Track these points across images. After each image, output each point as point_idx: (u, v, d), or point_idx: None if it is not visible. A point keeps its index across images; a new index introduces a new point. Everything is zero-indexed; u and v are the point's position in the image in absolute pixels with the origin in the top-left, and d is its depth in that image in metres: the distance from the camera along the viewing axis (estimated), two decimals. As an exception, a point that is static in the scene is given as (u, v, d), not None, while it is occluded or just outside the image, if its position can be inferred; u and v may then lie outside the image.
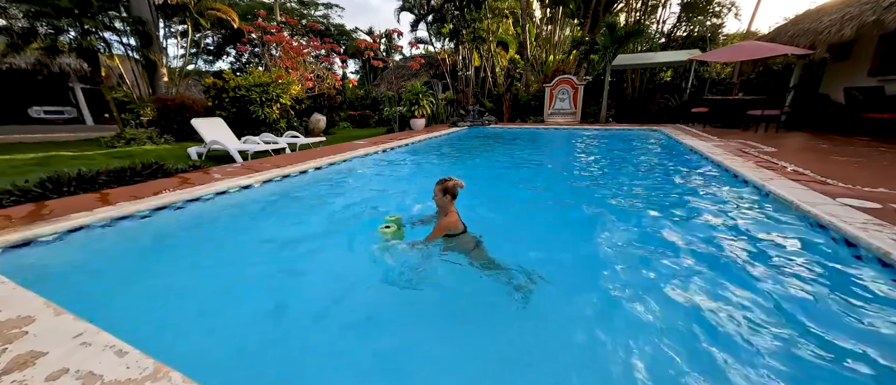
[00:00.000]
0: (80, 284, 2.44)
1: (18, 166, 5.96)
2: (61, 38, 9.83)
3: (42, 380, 1.24)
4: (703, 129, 9.78)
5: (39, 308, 1.68)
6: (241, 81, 9.07)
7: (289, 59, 12.46)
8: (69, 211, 3.25)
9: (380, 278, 2.49)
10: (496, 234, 2.88)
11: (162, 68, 12.43)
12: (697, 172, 5.41)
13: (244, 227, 3.70)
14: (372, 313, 2.23)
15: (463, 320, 2.19)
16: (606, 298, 2.31)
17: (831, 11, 8.89)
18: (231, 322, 2.12)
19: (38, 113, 15.72)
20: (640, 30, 13.02)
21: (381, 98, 16.95)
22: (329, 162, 6.11)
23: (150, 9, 11.98)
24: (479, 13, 15.26)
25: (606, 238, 3.26)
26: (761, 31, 16.77)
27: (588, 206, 4.36)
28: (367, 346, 1.93)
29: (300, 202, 4.49)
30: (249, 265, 2.84)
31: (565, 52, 16.78)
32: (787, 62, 12.02)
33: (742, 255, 2.70)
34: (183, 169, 5.22)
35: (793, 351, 1.73)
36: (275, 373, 1.73)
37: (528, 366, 1.80)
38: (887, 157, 5.40)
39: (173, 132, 10.04)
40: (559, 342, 1.97)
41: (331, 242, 3.27)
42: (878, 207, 3.05)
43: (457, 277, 2.45)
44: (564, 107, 13.94)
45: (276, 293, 2.45)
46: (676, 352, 1.77)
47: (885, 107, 7.73)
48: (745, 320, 1.96)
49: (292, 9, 26.00)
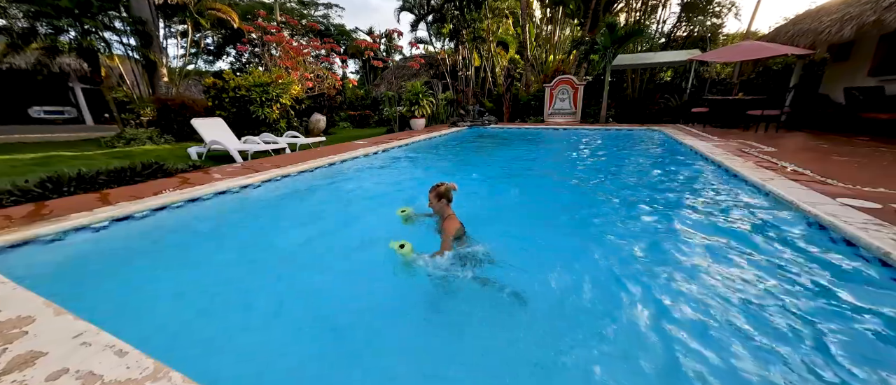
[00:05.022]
0: (80, 284, 2.44)
1: (18, 166, 5.96)
2: (61, 38, 9.84)
3: (42, 380, 1.24)
4: (703, 129, 9.78)
5: (39, 308, 1.68)
6: (241, 81, 9.07)
7: (289, 59, 12.45)
8: (69, 211, 3.25)
9: (384, 277, 2.49)
10: (497, 234, 2.88)
11: (162, 68, 12.42)
12: (697, 172, 5.41)
13: (244, 227, 3.70)
14: (373, 313, 2.23)
15: (463, 322, 2.19)
16: (606, 298, 2.31)
17: (831, 11, 8.88)
18: (231, 322, 2.12)
19: (38, 113, 15.71)
20: (640, 30, 13.01)
21: (381, 98, 16.94)
22: (329, 162, 6.11)
23: (150, 9, 11.98)
24: (479, 13, 15.25)
25: (606, 238, 3.27)
26: (761, 31, 16.76)
27: (588, 206, 4.37)
28: (368, 345, 1.93)
29: (300, 202, 4.49)
30: (249, 265, 2.84)
31: (565, 52, 16.77)
32: (787, 62, 12.02)
33: (741, 255, 2.70)
34: (183, 169, 5.22)
35: (792, 351, 1.73)
36: (275, 373, 1.73)
37: (528, 366, 1.80)
38: (887, 157, 5.40)
39: (173, 132, 10.04)
40: (559, 342, 1.97)
41: (331, 242, 3.28)
42: (878, 207, 3.05)
43: (461, 281, 2.46)
44: (564, 107, 13.93)
45: (277, 293, 2.45)
46: (676, 351, 1.77)
47: (885, 107, 7.73)
48: (744, 320, 1.96)
49: (292, 9, 25.99)
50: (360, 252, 3.10)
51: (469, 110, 14.10)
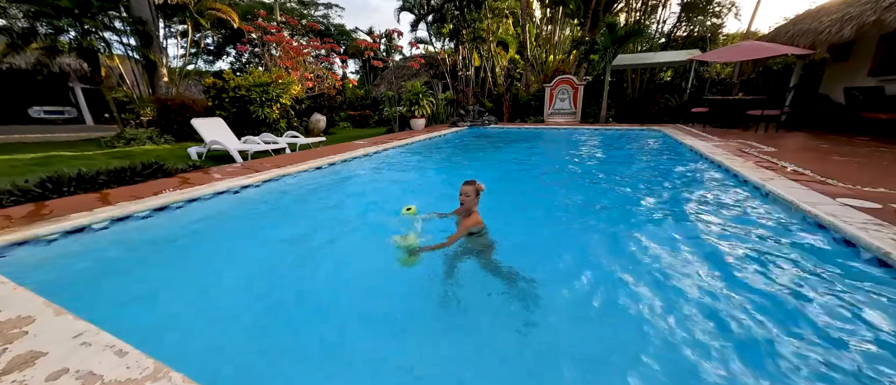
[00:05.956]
0: (80, 284, 2.44)
1: (18, 166, 5.96)
2: (61, 38, 9.84)
3: (42, 380, 1.24)
4: (703, 129, 9.78)
5: (39, 308, 1.68)
6: (241, 81, 9.07)
7: (289, 59, 12.45)
8: (69, 211, 3.25)
9: (385, 276, 2.49)
10: (497, 234, 2.88)
11: (162, 68, 12.42)
12: (697, 172, 5.41)
13: (244, 227, 3.70)
14: (374, 313, 2.23)
15: (469, 318, 2.19)
16: (606, 297, 2.31)
17: (831, 11, 8.88)
18: (231, 322, 2.12)
19: (39, 113, 15.71)
20: (640, 30, 13.01)
21: (381, 98, 16.94)
22: (329, 162, 6.11)
23: (150, 9, 11.98)
24: (479, 13, 15.26)
25: (606, 238, 3.27)
26: (761, 31, 16.76)
27: (588, 205, 4.37)
28: (369, 346, 1.93)
29: (300, 202, 4.49)
30: (250, 265, 2.84)
31: (565, 52, 16.77)
32: (787, 62, 12.02)
33: (741, 255, 2.70)
34: (183, 169, 5.22)
35: (791, 350, 1.73)
36: (275, 372, 1.73)
37: (527, 367, 1.80)
38: (887, 157, 5.40)
39: (173, 132, 10.04)
40: (559, 342, 1.97)
41: (331, 242, 3.27)
42: (878, 207, 3.05)
43: (470, 276, 2.46)
44: (564, 107, 13.93)
45: (277, 293, 2.45)
46: (676, 351, 1.77)
47: (885, 107, 7.73)
48: (743, 320, 1.96)
49: (292, 9, 26.00)
50: (359, 252, 3.11)
51: (469, 110, 14.11)
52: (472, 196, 2.57)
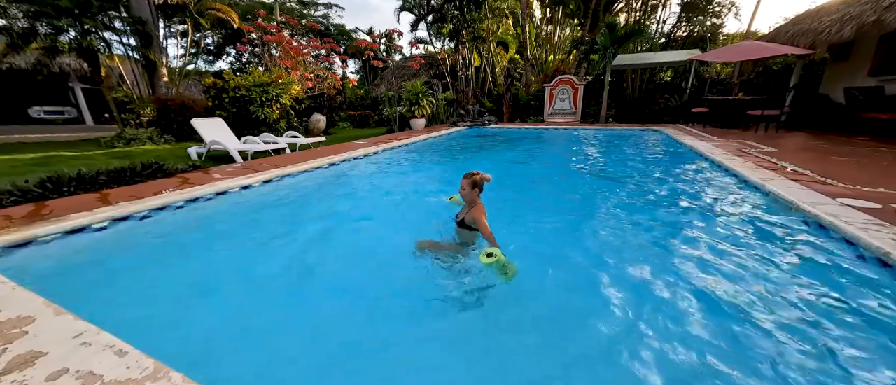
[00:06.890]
0: (80, 284, 2.44)
1: (18, 166, 5.96)
2: (61, 38, 9.84)
3: (42, 380, 1.24)
4: (703, 129, 9.78)
5: (39, 308, 1.68)
6: (241, 81, 9.07)
7: (289, 59, 12.46)
8: (69, 211, 3.25)
9: (385, 276, 2.48)
10: (497, 234, 2.88)
11: (162, 68, 12.42)
12: (697, 172, 5.40)
13: (244, 227, 3.70)
14: (374, 313, 2.23)
15: (465, 315, 2.19)
16: (605, 297, 2.31)
17: (831, 11, 8.89)
18: (231, 322, 2.12)
19: (39, 113, 15.71)
20: (640, 30, 13.01)
21: (381, 98, 16.94)
22: (329, 162, 6.11)
23: (150, 9, 11.98)
24: (479, 13, 15.26)
25: (606, 237, 3.26)
26: (761, 31, 16.75)
27: (587, 205, 4.36)
28: (370, 346, 1.93)
29: (300, 202, 4.49)
30: (250, 265, 2.84)
31: (565, 52, 16.78)
32: (787, 62, 12.02)
33: (741, 255, 2.69)
34: (183, 169, 5.22)
35: (790, 350, 1.73)
36: (275, 373, 1.73)
37: (527, 366, 1.80)
38: (887, 157, 5.40)
39: (173, 132, 10.04)
40: (558, 343, 1.97)
41: (331, 242, 3.28)
42: (878, 207, 3.05)
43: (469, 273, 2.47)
44: (564, 107, 13.93)
45: (277, 293, 2.45)
46: (675, 351, 1.77)
47: (885, 107, 7.73)
48: (742, 319, 1.96)
49: (292, 9, 26.00)
50: (359, 251, 3.11)
51: (469, 110, 14.11)
52: (468, 189, 2.60)
